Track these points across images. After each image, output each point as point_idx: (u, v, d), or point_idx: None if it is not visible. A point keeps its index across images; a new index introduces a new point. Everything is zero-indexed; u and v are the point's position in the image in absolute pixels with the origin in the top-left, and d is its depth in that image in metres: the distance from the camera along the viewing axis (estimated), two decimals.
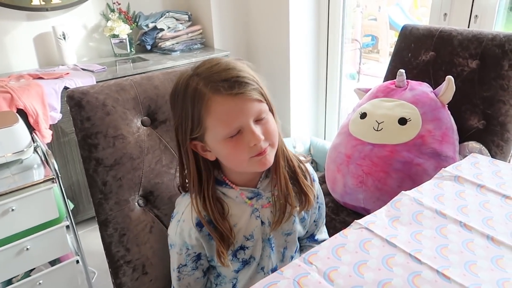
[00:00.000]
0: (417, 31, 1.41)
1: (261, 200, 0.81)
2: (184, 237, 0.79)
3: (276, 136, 0.75)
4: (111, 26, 2.15)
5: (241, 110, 0.69)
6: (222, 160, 0.76)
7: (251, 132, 0.70)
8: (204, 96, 0.69)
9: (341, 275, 0.65)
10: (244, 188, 0.80)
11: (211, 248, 0.79)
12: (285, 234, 0.85)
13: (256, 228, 0.81)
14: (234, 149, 0.71)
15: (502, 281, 0.62)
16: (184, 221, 0.79)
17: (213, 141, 0.72)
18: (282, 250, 0.87)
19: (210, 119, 0.70)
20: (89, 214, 2.03)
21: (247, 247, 0.81)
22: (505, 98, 1.18)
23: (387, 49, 5.46)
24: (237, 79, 0.68)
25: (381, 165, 1.15)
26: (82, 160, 0.87)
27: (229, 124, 0.69)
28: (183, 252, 0.80)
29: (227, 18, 2.38)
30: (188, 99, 0.71)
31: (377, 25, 5.46)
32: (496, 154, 1.19)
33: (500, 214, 0.79)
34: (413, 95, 1.21)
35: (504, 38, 1.20)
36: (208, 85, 0.69)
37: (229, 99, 0.68)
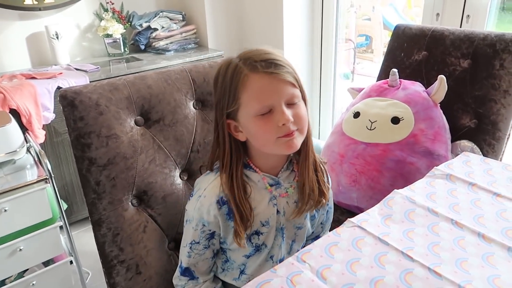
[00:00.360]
0: (409, 31, 1.42)
1: (280, 189, 0.83)
2: (203, 212, 0.80)
3: (306, 123, 0.77)
4: (104, 25, 2.14)
5: (275, 89, 0.73)
6: (251, 138, 0.78)
7: (281, 112, 0.73)
8: (241, 72, 0.74)
9: (334, 273, 0.66)
10: (266, 174, 0.82)
11: (226, 228, 0.81)
12: (297, 227, 0.87)
13: (272, 216, 0.82)
14: (264, 127, 0.74)
15: (492, 278, 0.63)
16: (205, 197, 0.80)
17: (245, 118, 0.75)
18: (291, 242, 0.88)
19: (245, 94, 0.74)
20: (83, 214, 2.02)
21: (261, 232, 0.83)
22: (496, 97, 1.20)
23: (381, 49, 5.49)
24: (274, 61, 0.74)
25: (374, 164, 1.16)
26: (75, 160, 0.87)
27: (262, 101, 0.73)
28: (198, 228, 0.81)
29: (221, 17, 2.38)
30: (227, 77, 0.76)
31: (371, 25, 5.49)
32: (488, 152, 1.21)
33: (491, 212, 0.80)
34: (406, 94, 1.22)
35: (495, 38, 1.21)
36: (246, 63, 0.74)
37: (265, 77, 0.73)
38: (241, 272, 0.87)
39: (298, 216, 0.85)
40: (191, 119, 1.00)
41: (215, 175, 0.82)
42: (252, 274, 0.86)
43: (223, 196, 0.79)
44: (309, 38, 2.30)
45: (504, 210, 0.80)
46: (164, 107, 0.96)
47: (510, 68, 1.17)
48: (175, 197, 0.97)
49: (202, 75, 1.03)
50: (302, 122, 0.76)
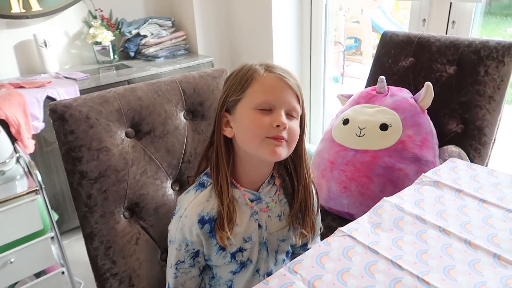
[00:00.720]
0: (396, 38, 1.44)
1: (261, 204, 0.84)
2: (185, 232, 0.80)
3: (295, 139, 0.79)
4: (93, 33, 2.14)
5: (282, 91, 0.77)
6: (240, 133, 0.79)
7: (279, 114, 0.76)
8: (256, 71, 0.78)
9: (325, 283, 0.67)
10: (247, 190, 0.83)
11: (209, 246, 0.81)
12: (280, 240, 0.88)
13: (254, 231, 0.83)
14: (258, 121, 0.76)
15: (479, 285, 0.65)
16: (186, 217, 0.80)
17: (243, 109, 0.78)
18: (275, 254, 0.89)
19: (254, 86, 0.77)
20: (73, 223, 2.00)
21: (245, 249, 0.83)
22: (481, 103, 1.22)
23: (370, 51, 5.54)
24: (290, 73, 0.80)
25: (363, 170, 1.17)
26: (66, 174, 0.87)
27: (267, 96, 0.76)
28: (182, 248, 0.82)
29: (211, 24, 2.39)
30: (241, 73, 0.80)
31: (360, 28, 5.55)
32: (474, 157, 1.23)
33: (477, 218, 0.82)
34: (394, 101, 1.24)
35: (479, 45, 1.24)
36: (264, 65, 0.80)
37: (278, 78, 0.78)
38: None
39: (287, 235, 0.87)
40: (181, 130, 1.01)
41: (195, 193, 0.82)
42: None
43: (204, 215, 0.79)
44: (299, 42, 2.32)
45: (489, 216, 0.82)
46: (154, 118, 0.96)
47: (495, 74, 1.20)
48: (167, 208, 0.97)
49: (192, 85, 1.03)
50: (293, 136, 0.78)
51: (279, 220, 0.86)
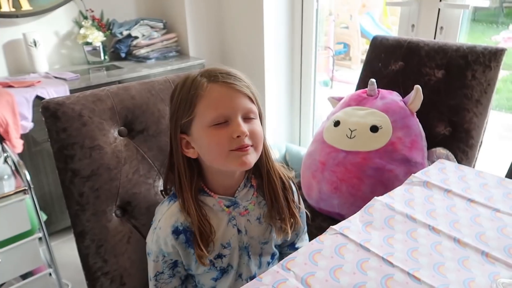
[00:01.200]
0: (386, 42, 1.47)
1: (238, 208, 0.83)
2: (160, 244, 0.80)
3: (261, 140, 0.78)
4: (84, 33, 2.12)
5: (233, 100, 0.74)
6: (203, 153, 0.77)
7: (237, 124, 0.74)
8: (200, 83, 0.75)
9: (318, 280, 0.68)
10: (222, 197, 0.82)
11: (187, 256, 0.80)
12: (262, 242, 0.87)
13: (233, 237, 0.82)
14: (217, 138, 0.74)
15: (468, 281, 0.66)
16: (160, 228, 0.80)
17: (199, 129, 0.75)
18: (258, 257, 0.88)
19: (202, 103, 0.74)
20: (62, 224, 1.98)
21: (224, 255, 0.82)
22: (469, 106, 1.25)
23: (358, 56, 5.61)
24: (235, 75, 0.76)
25: (354, 171, 1.19)
26: (58, 172, 0.86)
27: (218, 110, 0.73)
28: (159, 259, 0.81)
29: (202, 26, 2.39)
30: (185, 89, 0.76)
31: (349, 33, 5.61)
32: (462, 159, 1.26)
33: (465, 217, 0.83)
34: (384, 103, 1.26)
35: (467, 50, 1.27)
36: (206, 75, 0.76)
37: (224, 87, 0.74)
38: None
39: (269, 237, 0.86)
40: None
41: (168, 204, 0.81)
42: None
43: (178, 225, 0.78)
44: (289, 45, 2.34)
45: (477, 215, 0.84)
46: (147, 117, 0.96)
47: (482, 78, 1.23)
48: None
49: None
50: (257, 139, 0.77)
51: (259, 223, 0.85)
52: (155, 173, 0.97)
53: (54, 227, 1.96)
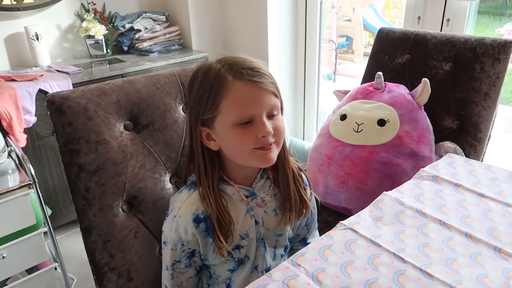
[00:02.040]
0: (393, 34, 1.45)
1: (256, 199, 0.83)
2: (180, 232, 0.79)
3: (283, 135, 0.77)
4: (86, 26, 2.10)
5: (258, 99, 0.72)
6: (226, 148, 0.77)
7: (262, 124, 0.72)
8: (225, 78, 0.72)
9: (329, 276, 0.67)
10: (241, 186, 0.82)
11: (206, 245, 0.80)
12: (278, 234, 0.87)
13: (251, 228, 0.82)
14: (241, 137, 0.73)
15: (481, 278, 0.65)
16: (180, 216, 0.79)
17: (222, 126, 0.74)
18: (273, 249, 0.88)
19: (227, 101, 0.72)
20: (66, 219, 1.98)
21: (242, 246, 0.82)
22: (477, 99, 1.23)
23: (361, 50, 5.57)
24: (259, 70, 0.73)
25: (361, 165, 1.18)
26: (64, 166, 0.85)
27: (244, 110, 0.72)
28: (178, 248, 0.80)
29: (205, 19, 2.37)
30: (207, 81, 0.73)
31: (352, 26, 5.57)
32: (470, 153, 1.24)
33: (476, 212, 0.82)
34: (391, 97, 1.24)
35: (475, 42, 1.25)
36: (231, 70, 0.72)
37: (249, 85, 0.72)
38: (228, 286, 0.86)
39: (284, 228, 0.86)
40: (180, 123, 1.00)
41: (189, 192, 0.81)
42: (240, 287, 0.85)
43: (199, 213, 0.78)
44: (293, 39, 2.32)
45: (488, 210, 0.83)
46: (153, 111, 0.95)
47: (490, 71, 1.21)
48: (165, 202, 0.96)
49: None
50: (280, 135, 0.76)
51: (275, 215, 0.85)
52: (162, 168, 0.96)
53: (58, 222, 1.96)
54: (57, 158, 1.86)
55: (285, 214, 0.85)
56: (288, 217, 0.85)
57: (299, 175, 0.88)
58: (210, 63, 0.76)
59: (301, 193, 0.86)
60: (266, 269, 0.86)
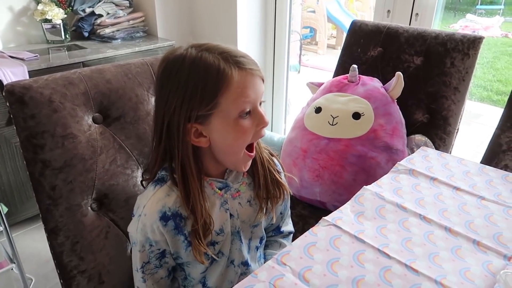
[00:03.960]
0: (366, 27, 1.45)
1: (230, 191, 0.79)
2: (147, 232, 0.73)
3: None
4: (42, 9, 1.96)
5: (255, 88, 0.69)
6: (221, 145, 0.71)
7: (261, 115, 0.70)
8: (223, 70, 0.65)
9: (316, 274, 0.65)
10: (212, 179, 0.78)
11: (176, 243, 0.75)
12: (253, 226, 0.84)
13: (226, 222, 0.79)
14: (244, 131, 0.69)
15: (464, 271, 0.66)
16: (146, 215, 0.73)
17: (221, 122, 0.68)
18: (248, 241, 0.85)
19: (229, 94, 0.66)
20: (22, 215, 1.85)
21: (217, 242, 0.78)
22: (447, 93, 1.26)
23: (325, 41, 5.63)
24: (247, 57, 0.69)
25: (336, 159, 1.18)
26: (26, 163, 0.78)
27: (245, 101, 0.68)
28: (146, 248, 0.75)
29: (171, 6, 2.28)
30: (197, 73, 0.66)
31: (316, 18, 5.60)
32: (440, 146, 1.27)
33: (453, 205, 0.84)
34: (365, 90, 1.24)
35: (446, 37, 1.27)
36: (226, 60, 0.66)
37: (248, 75, 0.67)
38: (204, 285, 0.82)
39: (260, 217, 0.83)
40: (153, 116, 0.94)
41: (154, 189, 0.75)
42: (216, 284, 0.82)
43: (166, 210, 0.72)
44: (262, 28, 2.28)
45: (464, 203, 0.84)
46: (125, 103, 0.89)
47: (460, 66, 1.24)
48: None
49: None
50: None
51: (250, 206, 0.82)
52: (134, 163, 0.91)
53: (14, 219, 1.83)
54: (12, 151, 1.73)
55: (261, 203, 0.82)
56: (265, 205, 0.82)
57: (270, 159, 0.85)
58: (192, 51, 0.68)
59: (275, 177, 0.83)
60: (243, 263, 0.84)
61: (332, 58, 5.42)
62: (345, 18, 5.49)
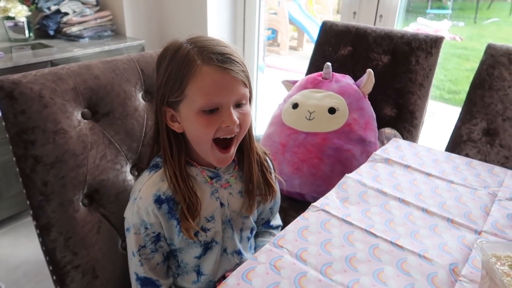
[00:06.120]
0: (336, 27, 1.53)
1: (220, 181, 0.83)
2: (142, 215, 0.76)
3: (249, 122, 0.77)
4: (4, 6, 1.89)
5: (227, 87, 0.70)
6: (189, 134, 0.76)
7: (228, 113, 0.71)
8: (194, 62, 0.69)
9: (311, 254, 0.70)
10: (204, 167, 0.81)
11: (170, 228, 0.78)
12: (244, 216, 0.88)
13: (217, 210, 0.82)
14: (205, 125, 0.72)
15: (442, 245, 0.74)
16: (141, 198, 0.77)
17: (187, 111, 0.72)
18: (240, 231, 0.89)
19: (193, 86, 0.70)
20: None
21: (208, 229, 0.81)
22: (413, 89, 1.36)
23: (287, 43, 5.74)
24: (230, 56, 0.71)
25: (314, 152, 1.23)
26: (16, 159, 0.77)
27: (211, 97, 0.70)
28: (141, 232, 0.78)
29: (139, 5, 2.26)
30: (175, 62, 0.71)
31: (277, 19, 5.70)
32: (407, 138, 1.37)
33: (427, 189, 0.92)
34: (339, 86, 1.31)
35: (411, 37, 1.37)
36: (200, 53, 0.70)
37: (218, 72, 0.69)
38: (198, 274, 0.85)
39: (250, 211, 0.86)
40: (141, 112, 0.96)
41: (149, 174, 0.79)
42: (212, 273, 0.85)
43: (160, 194, 0.76)
44: (232, 28, 2.32)
45: (436, 187, 0.92)
46: (113, 99, 0.90)
47: (424, 64, 1.34)
48: (127, 194, 0.91)
49: (151, 65, 0.98)
50: (245, 126, 0.76)
51: (241, 196, 0.85)
52: (123, 158, 0.91)
53: None
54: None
55: (249, 198, 0.85)
56: (252, 201, 0.86)
57: (264, 160, 0.89)
58: (181, 42, 0.74)
59: (267, 177, 0.88)
60: (236, 251, 0.87)
61: (294, 59, 5.54)
62: (306, 20, 5.63)
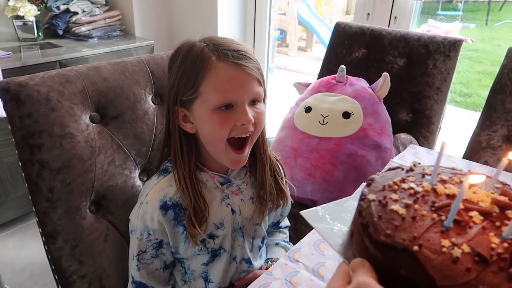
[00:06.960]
0: (350, 29, 1.49)
1: (231, 187, 0.80)
2: (146, 220, 0.74)
3: (263, 121, 0.75)
4: (13, 5, 1.87)
5: (242, 83, 0.69)
6: (202, 134, 0.74)
7: (243, 111, 0.69)
8: (208, 58, 0.68)
9: (329, 270, 0.66)
10: (215, 173, 0.79)
11: (175, 235, 0.76)
12: (255, 224, 0.85)
13: (227, 217, 0.79)
14: (220, 123, 0.70)
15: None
16: (147, 203, 0.75)
17: (201, 109, 0.70)
18: (251, 239, 0.86)
19: (208, 83, 0.68)
20: None
21: (217, 236, 0.78)
22: (430, 93, 1.31)
23: (295, 43, 5.70)
24: (245, 53, 0.69)
25: (328, 157, 1.20)
26: (22, 164, 0.74)
27: (226, 94, 0.68)
28: (144, 237, 0.76)
29: (149, 4, 2.24)
30: (189, 60, 0.69)
31: (286, 20, 5.66)
32: (423, 144, 1.32)
33: None
34: (354, 90, 1.27)
35: (428, 40, 1.33)
36: (215, 50, 0.68)
37: (234, 68, 0.68)
38: (206, 281, 0.82)
39: (261, 217, 0.83)
40: (151, 115, 0.93)
41: (158, 179, 0.77)
42: (219, 281, 0.82)
43: (167, 200, 0.74)
44: (242, 29, 2.29)
45: None
46: (122, 102, 0.87)
47: (442, 67, 1.30)
48: (136, 201, 0.88)
49: (161, 67, 0.95)
50: (260, 125, 0.74)
51: (253, 203, 0.82)
52: (132, 163, 0.89)
53: None
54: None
55: (260, 204, 0.83)
56: (263, 207, 0.83)
57: (276, 165, 0.86)
58: (194, 41, 0.72)
59: (279, 183, 0.85)
60: (245, 260, 0.84)
61: (303, 60, 5.51)
62: (315, 21, 5.59)
